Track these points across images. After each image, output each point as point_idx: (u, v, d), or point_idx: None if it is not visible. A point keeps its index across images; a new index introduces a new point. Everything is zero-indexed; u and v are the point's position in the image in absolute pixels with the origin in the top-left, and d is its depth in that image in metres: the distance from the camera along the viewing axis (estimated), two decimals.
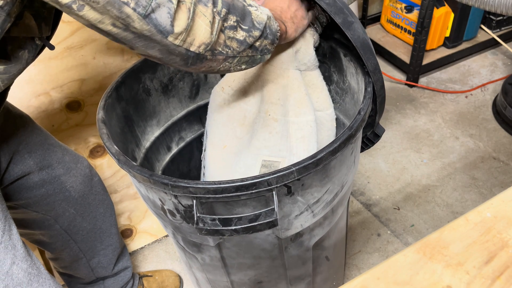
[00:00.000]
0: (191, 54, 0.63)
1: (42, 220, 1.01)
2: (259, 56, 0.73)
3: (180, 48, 0.61)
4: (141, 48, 0.60)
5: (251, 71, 0.95)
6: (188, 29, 0.60)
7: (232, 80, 0.97)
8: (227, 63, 0.69)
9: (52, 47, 0.73)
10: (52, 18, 0.70)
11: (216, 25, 0.62)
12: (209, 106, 1.02)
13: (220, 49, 0.65)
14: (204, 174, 1.03)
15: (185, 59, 0.64)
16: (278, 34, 0.74)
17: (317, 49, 0.98)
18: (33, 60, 0.72)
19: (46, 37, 0.72)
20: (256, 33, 0.68)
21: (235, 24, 0.65)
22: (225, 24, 0.64)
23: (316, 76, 0.95)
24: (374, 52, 0.80)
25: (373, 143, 0.93)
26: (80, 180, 1.03)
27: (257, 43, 0.70)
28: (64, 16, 1.05)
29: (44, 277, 0.79)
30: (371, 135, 0.92)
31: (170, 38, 0.59)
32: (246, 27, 0.67)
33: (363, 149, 0.96)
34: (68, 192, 1.01)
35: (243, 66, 0.72)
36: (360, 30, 0.76)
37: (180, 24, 0.58)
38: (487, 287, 0.49)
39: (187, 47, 0.61)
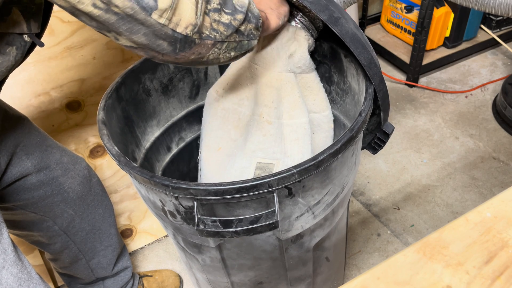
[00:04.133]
0: (178, 36, 0.59)
1: (41, 222, 1.01)
2: (246, 41, 0.70)
3: (165, 28, 0.57)
4: (125, 33, 0.57)
5: (245, 74, 0.95)
6: (174, 7, 0.56)
7: (226, 83, 0.97)
8: (216, 49, 0.66)
9: (41, 44, 0.71)
10: (41, 14, 0.68)
11: (200, 6, 0.59)
12: (204, 109, 1.02)
13: (207, 33, 0.62)
14: (200, 176, 1.04)
15: (172, 42, 0.60)
16: (261, 20, 0.73)
17: (318, 50, 0.98)
18: (22, 57, 0.71)
19: (36, 34, 0.70)
20: (240, 16, 0.66)
21: (219, 7, 0.63)
22: (209, 7, 0.62)
23: (312, 79, 0.95)
24: (369, 46, 0.79)
25: (384, 143, 0.93)
26: (79, 181, 1.03)
27: (242, 27, 0.68)
28: (64, 16, 1.05)
29: (35, 282, 0.78)
30: (381, 134, 0.92)
31: (155, 16, 0.55)
32: (229, 11, 0.64)
33: (376, 150, 0.96)
34: (66, 193, 1.01)
35: (232, 53, 0.70)
36: (347, 24, 0.75)
37: (164, 1, 0.55)
38: (487, 287, 0.49)
39: (173, 27, 0.58)
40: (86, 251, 1.11)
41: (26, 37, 0.68)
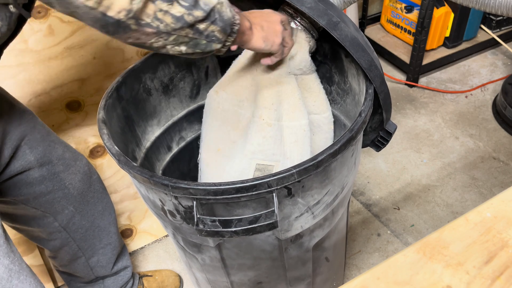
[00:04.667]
0: (109, 20, 0.56)
1: (41, 217, 1.02)
2: (204, 41, 0.66)
3: (94, 11, 0.54)
4: (59, 8, 0.55)
5: (246, 76, 0.95)
6: None
7: (227, 84, 0.97)
8: (160, 39, 0.62)
9: (28, 16, 0.68)
10: None
11: None
12: (204, 110, 1.02)
13: (149, 21, 0.59)
14: (200, 176, 1.04)
15: (103, 26, 0.57)
16: (235, 26, 0.68)
17: (319, 50, 0.98)
18: (9, 31, 0.68)
19: (24, 6, 0.68)
20: (198, 13, 0.61)
21: None
22: None
23: (313, 80, 0.95)
24: (369, 47, 0.78)
25: (387, 141, 0.93)
26: (79, 178, 1.03)
27: (201, 26, 0.63)
28: (64, 16, 1.05)
29: (25, 274, 0.78)
30: (384, 133, 0.92)
31: None
32: (186, 4, 0.60)
33: (379, 147, 0.96)
34: (67, 190, 1.01)
35: (183, 48, 0.65)
36: (347, 28, 0.75)
37: None
38: (487, 287, 0.49)
39: (103, 10, 0.54)
40: (86, 248, 1.11)
41: (11, 8, 0.65)
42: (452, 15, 2.04)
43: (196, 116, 1.12)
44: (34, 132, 0.93)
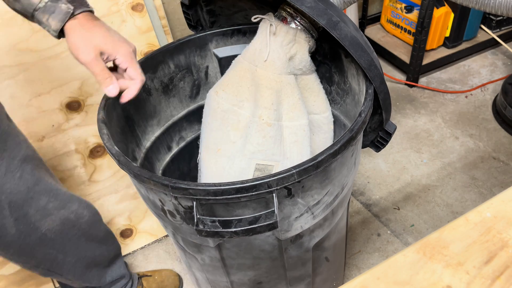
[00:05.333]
0: None
1: (24, 265, 0.99)
2: None
3: None
4: None
5: (246, 76, 0.95)
6: None
7: (226, 84, 0.97)
8: None
9: None
10: None
11: None
12: (204, 110, 1.02)
13: None
14: (200, 176, 1.04)
15: None
16: None
17: (318, 50, 0.98)
18: None
19: None
20: None
21: None
22: None
23: (313, 80, 0.95)
24: (369, 47, 0.79)
25: (387, 141, 0.93)
26: (58, 223, 0.96)
27: None
28: None
29: None
30: (383, 133, 0.92)
31: None
32: None
33: (379, 148, 0.96)
34: (44, 236, 0.95)
35: None
36: (346, 28, 0.74)
37: None
38: (487, 287, 0.49)
39: None
40: (73, 277, 1.08)
41: None
42: (452, 15, 2.04)
43: (196, 116, 1.12)
44: (19, 185, 0.86)
